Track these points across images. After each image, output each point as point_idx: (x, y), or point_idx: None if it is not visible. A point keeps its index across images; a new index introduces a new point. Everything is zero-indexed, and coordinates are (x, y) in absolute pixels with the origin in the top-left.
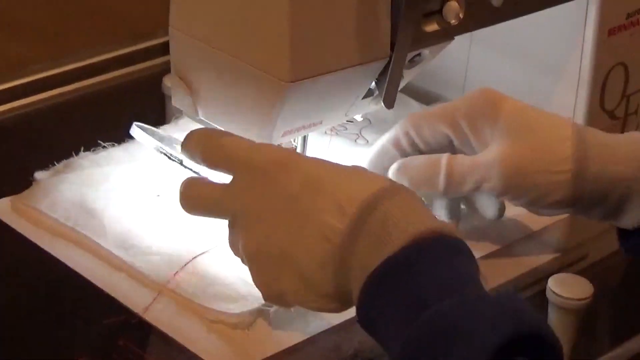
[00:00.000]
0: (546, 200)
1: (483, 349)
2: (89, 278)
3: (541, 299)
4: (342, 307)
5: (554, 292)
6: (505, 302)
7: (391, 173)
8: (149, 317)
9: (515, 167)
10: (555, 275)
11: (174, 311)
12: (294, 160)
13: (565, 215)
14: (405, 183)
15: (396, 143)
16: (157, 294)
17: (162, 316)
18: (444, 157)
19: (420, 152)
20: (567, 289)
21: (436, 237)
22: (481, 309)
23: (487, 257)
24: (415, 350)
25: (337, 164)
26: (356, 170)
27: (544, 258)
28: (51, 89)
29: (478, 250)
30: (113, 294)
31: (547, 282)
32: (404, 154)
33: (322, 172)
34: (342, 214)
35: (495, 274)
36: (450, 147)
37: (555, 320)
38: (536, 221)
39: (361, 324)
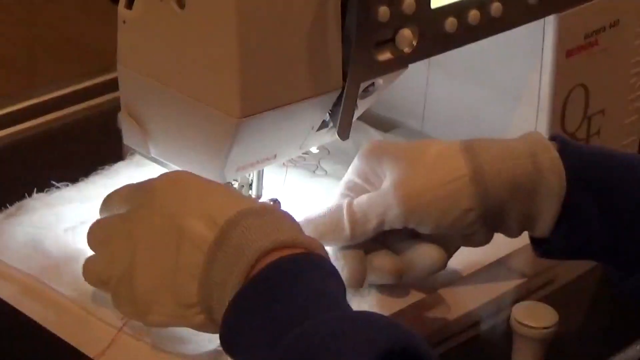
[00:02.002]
0: (453, 214)
1: None
2: (42, 323)
3: (506, 327)
4: (209, 323)
5: (517, 321)
6: (373, 318)
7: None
8: None
9: (409, 188)
10: (519, 304)
11: (130, 355)
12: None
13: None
14: (312, 235)
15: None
16: (113, 338)
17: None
18: (344, 204)
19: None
20: (531, 317)
21: (296, 256)
22: (348, 327)
23: (452, 285)
24: None
25: (216, 183)
26: (230, 189)
27: (509, 284)
28: (2, 127)
29: (442, 279)
30: (67, 339)
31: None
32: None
33: (200, 188)
34: (212, 226)
35: (460, 303)
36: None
37: (520, 349)
38: (501, 247)
39: (225, 349)
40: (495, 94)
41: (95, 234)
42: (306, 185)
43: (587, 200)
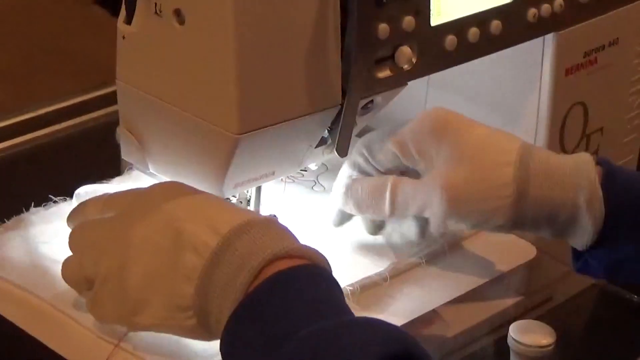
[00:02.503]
0: (488, 224)
1: None
2: (39, 338)
3: (503, 345)
4: (200, 328)
5: (515, 340)
6: (374, 323)
7: (338, 195)
8: None
9: (455, 193)
10: (516, 322)
11: None
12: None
13: (530, 258)
14: (352, 207)
15: (354, 165)
16: (110, 354)
17: None
18: (388, 183)
19: (377, 171)
20: (528, 336)
21: (297, 266)
22: (349, 332)
23: (450, 303)
24: None
25: (213, 195)
26: (232, 204)
27: (507, 302)
28: (0, 141)
29: (441, 295)
30: (66, 355)
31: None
32: (364, 174)
33: (203, 201)
34: (215, 234)
35: (458, 320)
36: (403, 165)
37: None
38: (500, 264)
39: (225, 358)
40: (494, 112)
41: (79, 236)
42: (304, 201)
43: (624, 233)
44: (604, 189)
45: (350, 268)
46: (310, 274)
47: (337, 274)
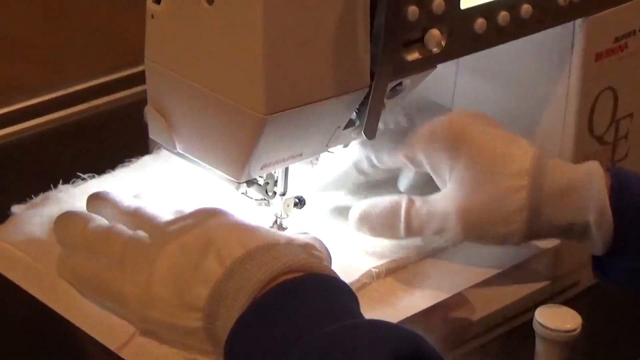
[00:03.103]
0: (503, 244)
1: None
2: (63, 314)
3: (529, 330)
4: (203, 333)
5: (540, 324)
6: (383, 324)
7: (352, 221)
8: (125, 355)
9: (470, 220)
10: (542, 307)
11: (152, 349)
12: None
13: (556, 243)
14: (367, 232)
15: (357, 166)
16: (134, 331)
17: (139, 353)
18: (402, 207)
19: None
20: (553, 320)
21: (307, 275)
22: (359, 332)
23: (476, 286)
24: None
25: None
26: (270, 230)
27: (533, 286)
28: (31, 118)
29: (467, 278)
30: (89, 331)
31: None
32: (365, 176)
33: (242, 223)
34: (241, 247)
35: (484, 304)
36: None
37: (542, 352)
38: (525, 249)
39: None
40: (523, 97)
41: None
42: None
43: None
44: (612, 203)
45: (375, 251)
46: (321, 281)
47: (362, 256)
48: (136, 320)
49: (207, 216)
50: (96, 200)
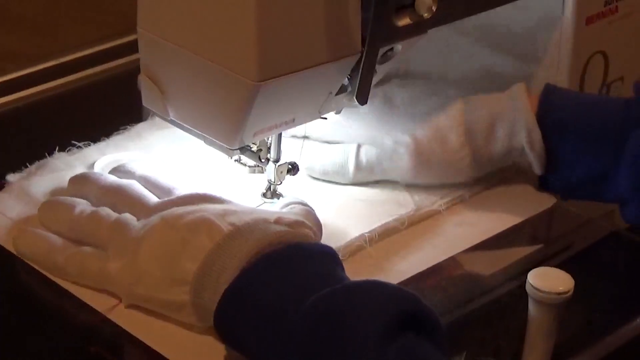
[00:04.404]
0: (452, 180)
1: (370, 332)
2: (55, 280)
3: (522, 292)
4: (190, 307)
5: (533, 286)
6: (381, 284)
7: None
8: (114, 317)
9: (420, 152)
10: (535, 269)
11: (141, 314)
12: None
13: (549, 206)
14: (317, 174)
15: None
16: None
17: (129, 317)
18: (353, 147)
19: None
20: (546, 283)
21: (290, 246)
22: (358, 293)
23: (469, 250)
24: (309, 332)
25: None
26: (268, 211)
27: (526, 250)
28: (25, 88)
29: (460, 243)
30: (78, 295)
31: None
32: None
33: (237, 207)
34: (232, 225)
35: (477, 267)
36: None
37: (535, 315)
38: (519, 212)
39: (217, 326)
40: (514, 61)
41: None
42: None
43: (566, 146)
44: (541, 122)
45: (368, 216)
46: (307, 249)
47: (355, 221)
48: (122, 297)
49: (198, 199)
50: (78, 183)
